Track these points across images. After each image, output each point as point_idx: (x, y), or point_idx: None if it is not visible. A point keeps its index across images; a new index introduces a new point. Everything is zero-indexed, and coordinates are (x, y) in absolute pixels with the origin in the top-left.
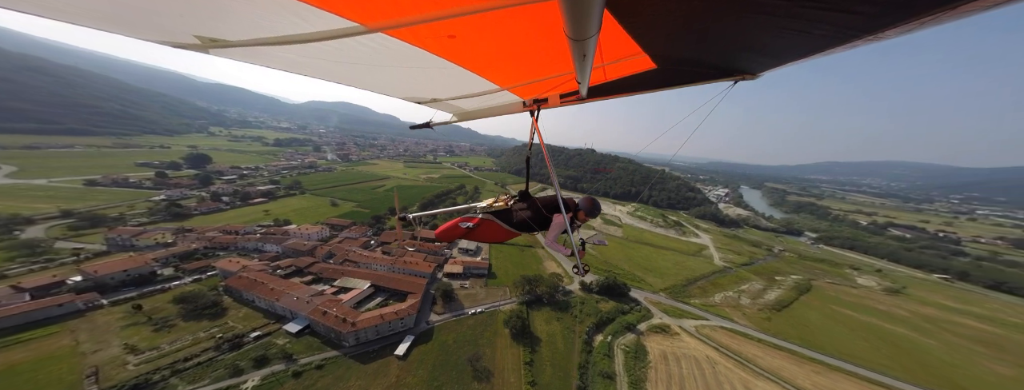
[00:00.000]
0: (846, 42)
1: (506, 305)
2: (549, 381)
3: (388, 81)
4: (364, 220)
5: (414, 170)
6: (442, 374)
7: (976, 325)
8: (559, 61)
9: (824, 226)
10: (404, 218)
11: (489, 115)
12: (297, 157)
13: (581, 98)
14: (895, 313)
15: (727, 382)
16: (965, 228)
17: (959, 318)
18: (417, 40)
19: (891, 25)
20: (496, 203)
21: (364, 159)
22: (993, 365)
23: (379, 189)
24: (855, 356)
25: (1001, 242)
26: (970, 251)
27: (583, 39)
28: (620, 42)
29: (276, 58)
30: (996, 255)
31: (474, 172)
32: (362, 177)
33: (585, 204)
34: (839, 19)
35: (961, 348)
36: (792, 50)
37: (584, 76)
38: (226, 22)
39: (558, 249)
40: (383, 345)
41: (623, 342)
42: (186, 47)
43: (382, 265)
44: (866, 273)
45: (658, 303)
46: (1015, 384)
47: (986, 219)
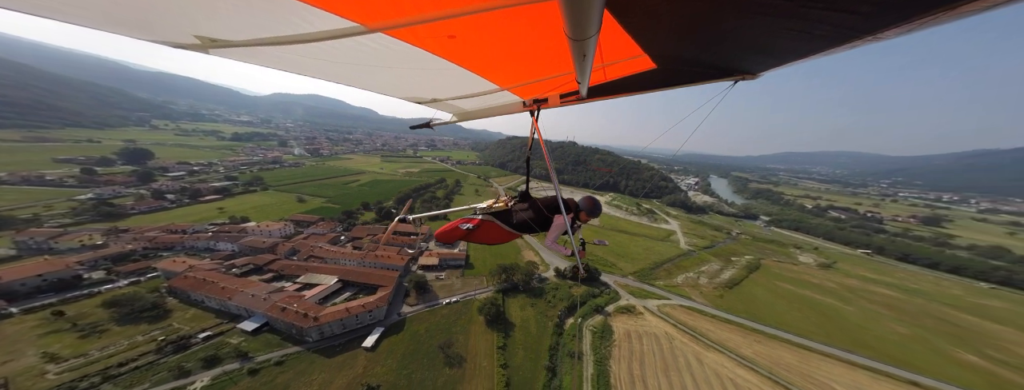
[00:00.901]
0: (846, 42)
1: (482, 294)
2: (521, 363)
3: (388, 81)
4: (334, 215)
5: (392, 164)
6: (413, 362)
7: (886, 292)
8: (559, 61)
9: (776, 210)
10: (404, 219)
11: (489, 115)
12: (259, 152)
13: (581, 98)
14: (825, 285)
15: (681, 355)
16: (888, 208)
17: (874, 287)
18: (417, 40)
19: (891, 25)
20: (496, 204)
21: (337, 154)
22: (895, 326)
23: (352, 184)
24: (790, 325)
25: (913, 220)
26: (889, 228)
27: (583, 39)
28: (620, 42)
29: (276, 58)
30: (908, 231)
31: (456, 166)
32: (334, 172)
33: (586, 204)
34: (839, 19)
35: (873, 313)
36: (792, 50)
37: (584, 76)
38: (226, 22)
39: (559, 250)
40: (351, 338)
41: (591, 323)
42: (186, 47)
43: (352, 260)
44: (806, 251)
45: (626, 286)
46: (909, 340)
47: (905, 200)
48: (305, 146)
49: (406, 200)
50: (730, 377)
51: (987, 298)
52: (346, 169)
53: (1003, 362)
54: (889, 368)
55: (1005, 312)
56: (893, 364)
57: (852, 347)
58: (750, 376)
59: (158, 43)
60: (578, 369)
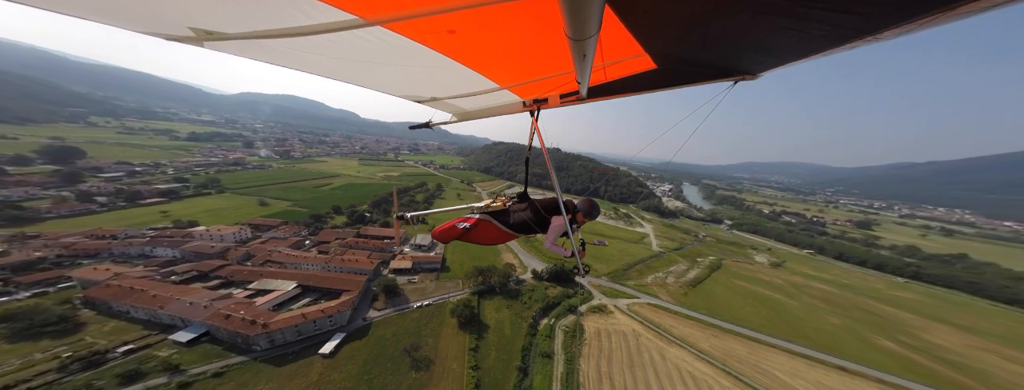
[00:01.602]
0: (846, 42)
1: (457, 296)
2: (492, 364)
3: (387, 78)
4: (301, 219)
5: (370, 168)
6: (375, 367)
7: (823, 287)
8: (559, 60)
9: (738, 215)
10: (402, 217)
11: (489, 115)
12: (219, 153)
13: (581, 98)
14: (775, 282)
15: (646, 351)
16: (830, 214)
17: (814, 283)
18: (417, 35)
19: (890, 25)
20: (494, 204)
21: (310, 156)
22: (829, 317)
23: (324, 187)
24: (743, 320)
25: (849, 224)
26: (829, 231)
27: (583, 39)
28: (621, 42)
29: (273, 52)
30: (844, 233)
31: (439, 170)
32: (304, 175)
33: (584, 206)
34: (839, 19)
35: (812, 306)
36: (792, 50)
37: (584, 76)
38: (221, 14)
39: (558, 251)
40: (307, 345)
41: (564, 323)
42: (181, 40)
43: (315, 265)
44: (761, 251)
45: (600, 286)
46: (840, 330)
47: (844, 207)
48: (274, 148)
49: (380, 204)
50: (689, 371)
51: (901, 290)
52: (319, 172)
53: (911, 346)
54: (823, 356)
55: (914, 302)
56: (826, 352)
57: (794, 338)
58: (706, 369)
59: (151, 35)
60: (549, 368)
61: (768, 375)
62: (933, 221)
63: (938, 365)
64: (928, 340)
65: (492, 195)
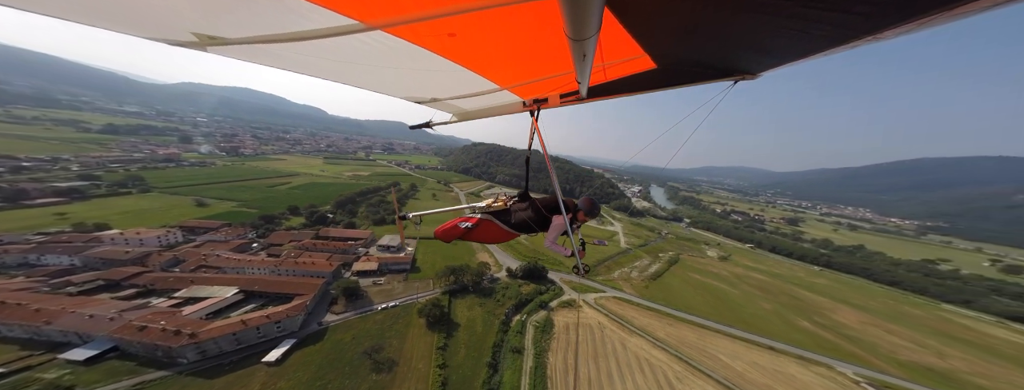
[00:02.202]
0: (846, 42)
1: (426, 296)
2: (462, 362)
3: (388, 80)
4: (248, 220)
5: (337, 167)
6: (331, 372)
7: (759, 277)
8: (559, 60)
9: (696, 214)
10: (404, 217)
11: (489, 115)
12: (145, 148)
13: (581, 98)
14: (721, 274)
15: (610, 342)
16: (769, 213)
17: (753, 273)
18: (417, 38)
19: (890, 25)
20: (495, 203)
21: (265, 154)
22: (762, 303)
23: (280, 187)
24: (694, 309)
25: (782, 221)
26: (767, 228)
27: (583, 39)
28: (621, 42)
29: (276, 56)
30: (778, 229)
31: (415, 171)
32: (256, 173)
33: (585, 205)
34: (839, 19)
35: (750, 294)
36: (792, 50)
37: (584, 76)
38: (224, 20)
39: (558, 250)
40: (248, 354)
41: (535, 319)
42: (184, 45)
43: (263, 268)
44: (712, 246)
45: (570, 282)
46: (771, 314)
47: (780, 206)
48: (220, 144)
49: (345, 204)
50: (647, 358)
51: (817, 277)
52: (275, 170)
53: (822, 325)
54: (757, 338)
55: (826, 287)
56: (759, 334)
57: (735, 323)
58: (662, 356)
59: (155, 41)
60: (519, 363)
61: (713, 358)
62: (843, 218)
63: (840, 340)
64: (835, 319)
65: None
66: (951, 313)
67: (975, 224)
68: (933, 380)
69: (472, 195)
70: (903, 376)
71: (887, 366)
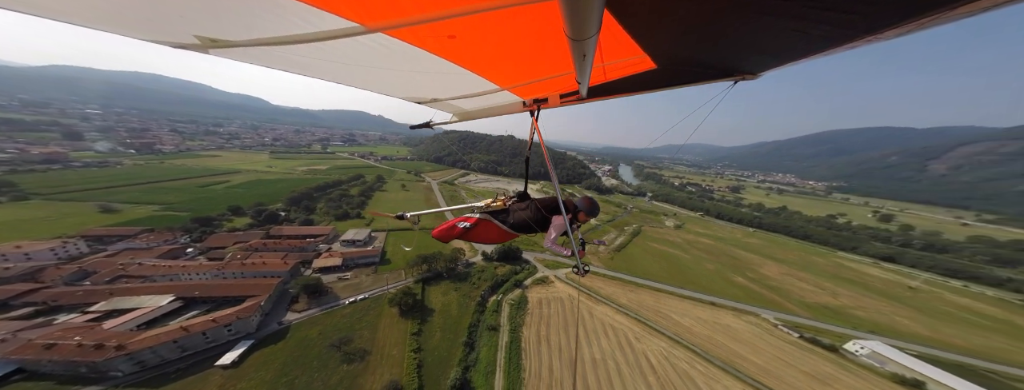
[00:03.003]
0: (846, 42)
1: (397, 286)
2: (437, 344)
3: (389, 81)
4: (177, 224)
5: (287, 162)
6: (297, 368)
7: (706, 241)
8: (559, 61)
9: (656, 188)
10: (401, 216)
11: (489, 115)
12: (10, 147)
13: (581, 98)
14: (676, 241)
15: (578, 312)
16: (718, 183)
17: (701, 239)
18: (417, 40)
19: (891, 25)
20: (494, 203)
21: (192, 150)
22: (708, 265)
23: (217, 186)
24: (652, 275)
25: (727, 190)
26: (715, 196)
27: (583, 39)
28: (620, 42)
29: (277, 59)
30: (724, 198)
31: (381, 162)
32: (183, 173)
33: (584, 205)
34: (839, 19)
35: (700, 258)
36: (792, 50)
37: (584, 76)
38: (226, 22)
39: (558, 250)
40: (198, 360)
41: (511, 297)
42: (186, 47)
43: (205, 273)
44: (669, 217)
45: (543, 260)
46: (713, 274)
47: (726, 177)
48: (126, 140)
49: (300, 201)
50: (611, 323)
51: (751, 238)
52: (207, 168)
53: (753, 279)
54: (702, 296)
55: (757, 246)
56: (704, 292)
57: (685, 284)
58: (624, 320)
59: (158, 43)
60: (495, 340)
61: (667, 318)
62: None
63: (765, 291)
64: (762, 273)
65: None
66: (843, 258)
67: (865, 182)
68: (828, 316)
69: (446, 184)
70: (808, 316)
71: (797, 309)
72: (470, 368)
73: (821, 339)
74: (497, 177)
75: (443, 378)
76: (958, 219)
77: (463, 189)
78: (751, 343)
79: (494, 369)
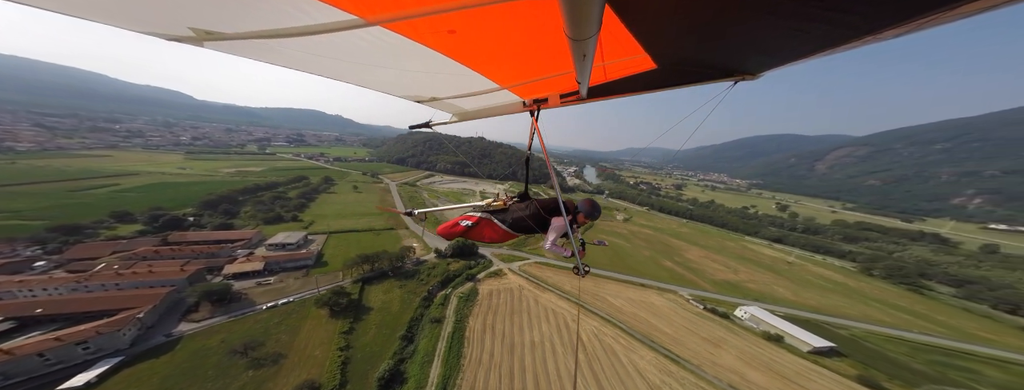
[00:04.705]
0: (846, 42)
1: (328, 288)
2: (370, 340)
3: (388, 78)
4: (26, 234)
5: (207, 163)
6: (184, 381)
7: (647, 232)
8: (560, 60)
9: (614, 186)
10: (410, 213)
11: (489, 115)
12: None
13: (581, 98)
14: (622, 232)
15: (525, 299)
16: (666, 181)
17: (644, 229)
18: (417, 35)
19: (890, 25)
20: (495, 203)
21: (67, 149)
22: (645, 252)
23: (97, 190)
24: (597, 262)
25: (672, 187)
26: (662, 193)
27: (583, 39)
28: (621, 42)
29: (274, 52)
30: (668, 194)
31: (333, 163)
32: (47, 175)
33: (585, 207)
34: (839, 19)
35: (639, 246)
36: (792, 50)
37: (584, 76)
38: (222, 14)
39: (558, 251)
40: (34, 386)
41: (461, 291)
42: (181, 40)
43: (59, 287)
44: (621, 211)
45: (500, 254)
46: (649, 260)
47: (674, 176)
48: None
49: (217, 204)
50: (553, 309)
51: (684, 228)
52: (88, 170)
53: (679, 263)
54: (636, 279)
55: (687, 235)
56: (638, 276)
57: (624, 270)
58: (565, 304)
59: (151, 35)
60: (437, 331)
61: (603, 300)
62: (710, 182)
63: (685, 272)
64: (686, 257)
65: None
66: (749, 242)
67: (774, 179)
68: (729, 289)
69: (407, 185)
70: (715, 291)
71: (707, 285)
72: (405, 360)
73: (719, 309)
74: (464, 178)
75: (372, 371)
76: (830, 208)
77: (426, 190)
78: (667, 317)
79: (432, 359)
